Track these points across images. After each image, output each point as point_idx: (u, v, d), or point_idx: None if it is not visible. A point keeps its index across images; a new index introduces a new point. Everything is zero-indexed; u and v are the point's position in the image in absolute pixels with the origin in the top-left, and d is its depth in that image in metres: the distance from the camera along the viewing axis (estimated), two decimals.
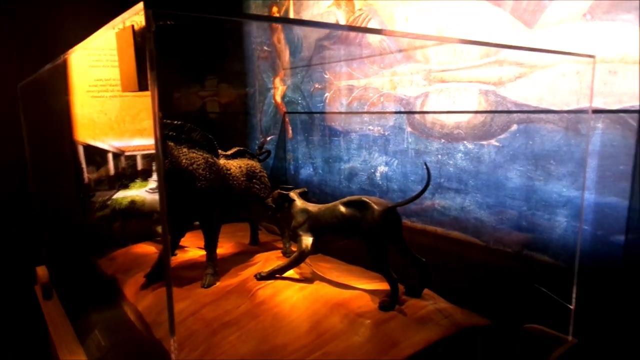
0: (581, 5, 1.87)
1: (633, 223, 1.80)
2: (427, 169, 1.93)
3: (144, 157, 3.49)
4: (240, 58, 4.26)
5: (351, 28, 3.01)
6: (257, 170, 2.69)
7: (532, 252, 2.15)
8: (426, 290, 2.11)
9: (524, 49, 2.05)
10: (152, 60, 0.74)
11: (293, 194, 2.31)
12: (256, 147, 3.77)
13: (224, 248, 2.71)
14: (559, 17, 1.95)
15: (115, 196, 3.38)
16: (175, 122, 2.23)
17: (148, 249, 2.85)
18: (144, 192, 3.40)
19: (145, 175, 3.51)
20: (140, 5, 0.77)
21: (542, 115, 2.05)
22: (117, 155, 3.49)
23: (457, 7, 2.35)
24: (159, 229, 2.98)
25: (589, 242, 1.93)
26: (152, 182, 3.46)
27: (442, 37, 2.44)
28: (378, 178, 2.94)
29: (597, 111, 1.85)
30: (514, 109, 2.16)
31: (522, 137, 2.14)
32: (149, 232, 3.09)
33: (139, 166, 3.50)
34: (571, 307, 1.88)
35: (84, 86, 3.40)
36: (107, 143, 3.45)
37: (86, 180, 3.44)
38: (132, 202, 3.37)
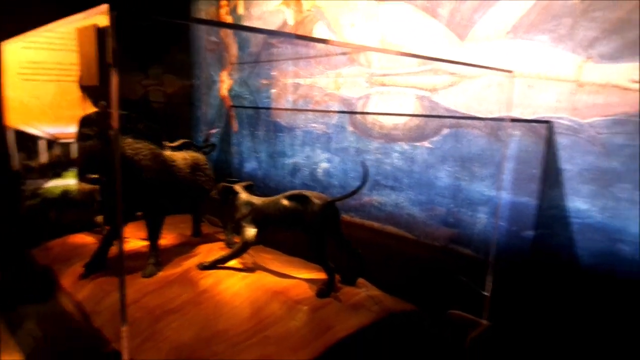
0: (505, 24, 2.09)
1: (541, 220, 2.05)
2: (364, 167, 2.08)
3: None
4: (187, 49, 4.23)
5: (298, 37, 3.11)
6: (202, 163, 2.73)
7: (456, 246, 2.36)
8: (360, 279, 2.26)
9: (451, 62, 2.24)
10: (115, 60, 0.79)
11: (238, 187, 2.38)
12: (201, 140, 3.77)
13: (166, 239, 2.73)
14: (486, 33, 2.16)
15: (48, 185, 3.27)
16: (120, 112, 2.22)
17: (86, 239, 2.80)
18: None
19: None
20: (105, 6, 0.82)
21: (469, 121, 2.26)
22: (51, 143, 3.37)
23: (399, 17, 2.52)
24: (99, 218, 2.93)
25: (504, 237, 2.17)
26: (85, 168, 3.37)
27: (382, 49, 2.60)
28: (320, 174, 3.07)
29: (514, 120, 2.07)
30: (445, 114, 2.36)
31: (451, 140, 2.35)
32: (86, 222, 3.03)
33: (75, 154, 3.40)
34: (486, 294, 2.10)
35: (14, 67, 3.25)
36: (41, 129, 3.32)
37: (17, 167, 3.30)
38: (66, 192, 3.27)
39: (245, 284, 2.15)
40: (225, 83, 3.86)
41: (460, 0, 2.24)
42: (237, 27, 3.63)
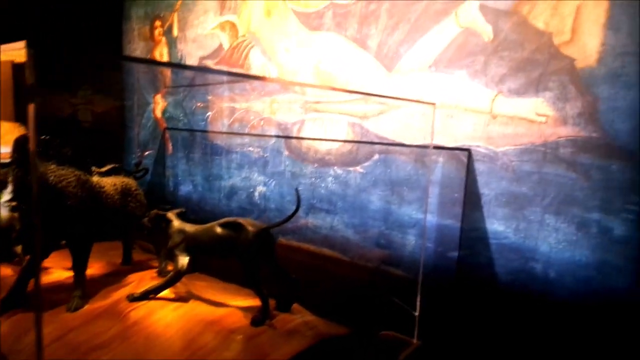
0: (428, 59, 2.24)
1: (464, 241, 2.19)
2: (298, 194, 2.12)
3: None
4: (119, 69, 4.11)
5: (235, 74, 3.14)
6: (133, 189, 2.65)
7: (388, 267, 2.46)
8: (295, 305, 2.28)
9: (380, 96, 2.37)
10: (32, 94, 0.77)
11: (170, 214, 2.34)
12: (133, 164, 3.65)
13: (93, 268, 2.60)
14: (411, 66, 2.30)
15: None
16: (42, 137, 2.12)
17: (3, 272, 2.61)
18: None
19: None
20: (22, 43, 0.80)
21: (397, 148, 2.38)
22: None
23: (331, 46, 2.61)
24: (18, 248, 2.75)
25: (431, 258, 2.29)
26: (6, 195, 3.16)
27: (313, 85, 2.69)
28: (257, 197, 3.08)
29: (437, 147, 2.21)
30: (375, 140, 2.47)
31: (381, 165, 2.45)
32: (5, 253, 2.82)
33: None
34: (416, 314, 2.19)
35: None
36: None
37: None
38: None
39: (178, 314, 2.10)
40: (159, 105, 3.79)
41: (387, 35, 2.37)
42: (168, 64, 3.57)
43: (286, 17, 2.83)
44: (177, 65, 3.56)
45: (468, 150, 2.14)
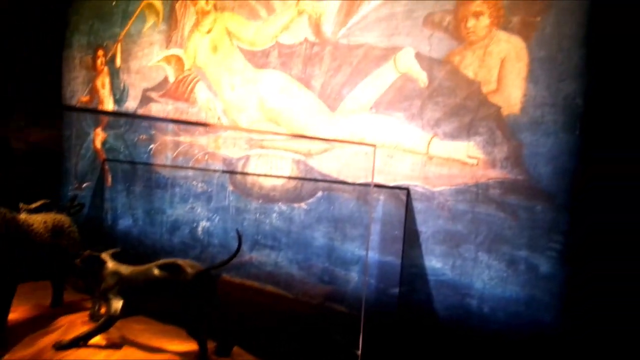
0: (369, 101, 2.33)
1: (404, 278, 2.24)
2: (239, 235, 2.10)
3: None
4: (57, 97, 3.95)
5: (179, 121, 3.13)
6: (66, 225, 2.52)
7: (331, 303, 2.46)
8: (236, 348, 2.22)
9: (323, 140, 2.43)
10: None
11: (105, 255, 2.23)
12: (68, 198, 3.48)
13: (18, 312, 2.42)
14: (353, 107, 2.38)
15: None
16: None
17: None
18: None
19: None
20: None
21: (340, 185, 2.43)
22: None
23: (276, 84, 2.66)
24: None
25: (373, 294, 2.32)
26: None
27: (256, 130, 2.71)
28: (200, 233, 3.01)
29: (378, 186, 2.28)
30: (319, 177, 2.51)
31: (325, 202, 2.48)
32: None
33: None
34: (358, 352, 2.20)
35: None
36: None
37: None
38: None
39: None
40: (99, 136, 3.66)
41: (330, 76, 2.45)
42: (113, 114, 3.49)
43: (232, 54, 2.86)
44: (122, 115, 3.47)
45: (407, 189, 2.22)
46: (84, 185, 3.71)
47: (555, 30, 1.84)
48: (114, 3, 3.53)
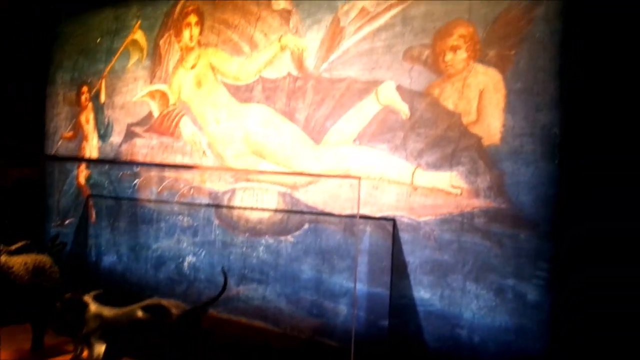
0: (352, 133, 2.35)
1: (393, 309, 2.22)
2: (224, 274, 2.07)
3: None
4: (40, 132, 3.93)
5: (164, 165, 3.13)
6: (48, 266, 2.46)
7: (321, 337, 2.42)
8: None
9: (307, 175, 2.45)
10: None
11: (87, 298, 2.18)
12: (52, 233, 3.42)
13: None
14: (337, 139, 2.41)
15: None
16: None
17: None
18: None
19: None
20: None
21: (326, 217, 2.43)
22: None
23: (261, 118, 2.68)
24: None
25: (363, 327, 2.29)
26: None
27: (243, 169, 2.73)
28: (186, 268, 2.96)
29: (363, 217, 2.28)
30: (305, 210, 2.50)
31: (312, 235, 2.48)
32: None
33: None
34: None
35: None
36: None
37: None
38: None
39: None
40: (83, 172, 3.63)
41: (314, 109, 2.48)
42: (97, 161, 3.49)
43: (217, 89, 2.89)
44: (105, 162, 3.47)
45: (393, 220, 2.22)
46: (67, 222, 3.65)
47: (529, 63, 1.90)
48: (98, 40, 3.56)
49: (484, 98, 1.99)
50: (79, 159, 3.57)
